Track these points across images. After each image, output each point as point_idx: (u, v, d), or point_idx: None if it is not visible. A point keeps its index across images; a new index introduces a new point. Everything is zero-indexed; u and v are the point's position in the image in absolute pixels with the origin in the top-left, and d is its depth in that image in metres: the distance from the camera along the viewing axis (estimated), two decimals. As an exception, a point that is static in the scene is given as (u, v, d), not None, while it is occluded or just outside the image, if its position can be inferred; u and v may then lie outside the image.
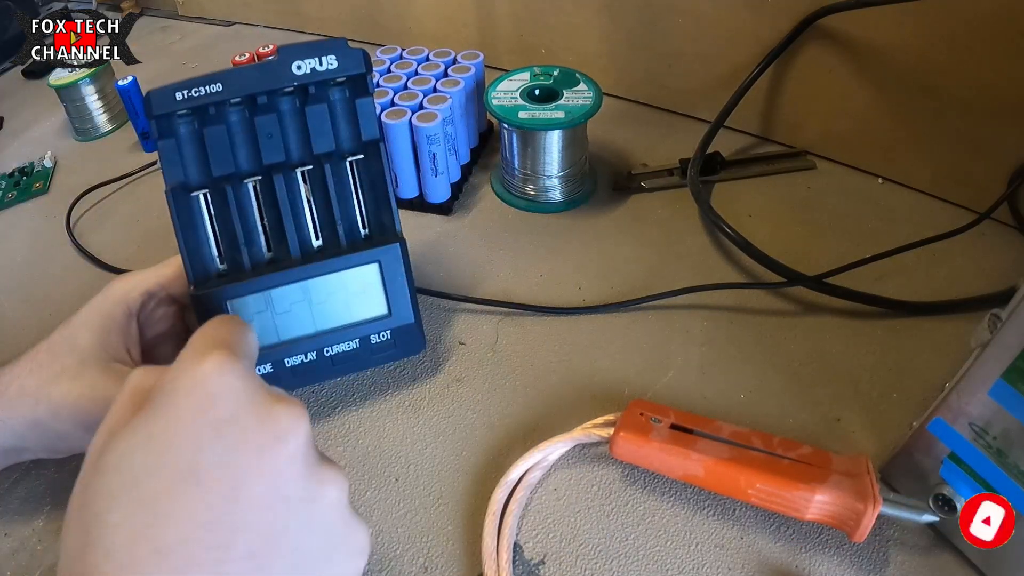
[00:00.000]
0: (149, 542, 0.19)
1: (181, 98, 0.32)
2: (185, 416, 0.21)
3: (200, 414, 0.21)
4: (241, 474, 0.20)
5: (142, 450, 0.20)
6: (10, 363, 0.32)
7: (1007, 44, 0.42)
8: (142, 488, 0.20)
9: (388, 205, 0.36)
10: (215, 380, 0.21)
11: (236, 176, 0.34)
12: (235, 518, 0.20)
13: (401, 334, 0.38)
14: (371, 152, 0.36)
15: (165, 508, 0.19)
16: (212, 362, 0.21)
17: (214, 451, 0.20)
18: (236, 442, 0.21)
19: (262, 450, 0.21)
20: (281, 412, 0.22)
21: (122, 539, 0.19)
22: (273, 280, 0.34)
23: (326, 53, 0.33)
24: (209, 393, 0.21)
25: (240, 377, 0.22)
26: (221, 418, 0.21)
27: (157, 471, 0.20)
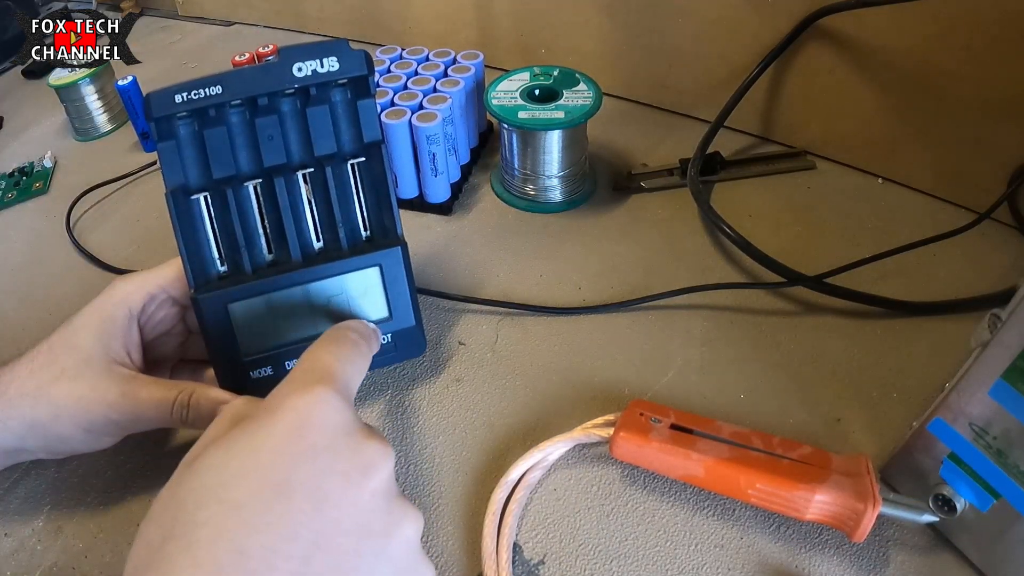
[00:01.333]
0: (231, 543, 0.20)
1: (181, 100, 0.32)
2: (284, 435, 0.22)
3: (298, 437, 0.22)
4: (328, 497, 0.22)
5: (237, 459, 0.21)
6: (10, 363, 0.32)
7: (1007, 44, 0.42)
8: (233, 493, 0.21)
9: (389, 207, 0.36)
10: (317, 412, 0.23)
11: (236, 178, 0.34)
12: (317, 537, 0.21)
13: (402, 337, 0.38)
14: (373, 154, 0.36)
15: (252, 515, 0.20)
16: (317, 396, 0.23)
17: (306, 471, 0.22)
18: (328, 467, 0.22)
19: (350, 479, 0.22)
20: (371, 448, 0.23)
21: (205, 536, 0.20)
22: (274, 283, 0.34)
23: (327, 55, 0.33)
24: (309, 421, 0.23)
25: (340, 412, 0.23)
26: (317, 444, 0.22)
27: (250, 480, 0.21)
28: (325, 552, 0.21)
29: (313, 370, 0.25)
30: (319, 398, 0.23)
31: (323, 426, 0.23)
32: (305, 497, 0.21)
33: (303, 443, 0.22)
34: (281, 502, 0.21)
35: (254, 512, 0.20)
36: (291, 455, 0.22)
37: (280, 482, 0.21)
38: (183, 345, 0.38)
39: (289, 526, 0.21)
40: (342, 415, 0.24)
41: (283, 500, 0.21)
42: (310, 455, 0.22)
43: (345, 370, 0.26)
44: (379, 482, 0.23)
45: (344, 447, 0.23)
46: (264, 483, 0.21)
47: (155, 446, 0.37)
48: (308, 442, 0.22)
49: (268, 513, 0.20)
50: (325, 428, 0.23)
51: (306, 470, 0.22)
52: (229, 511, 0.20)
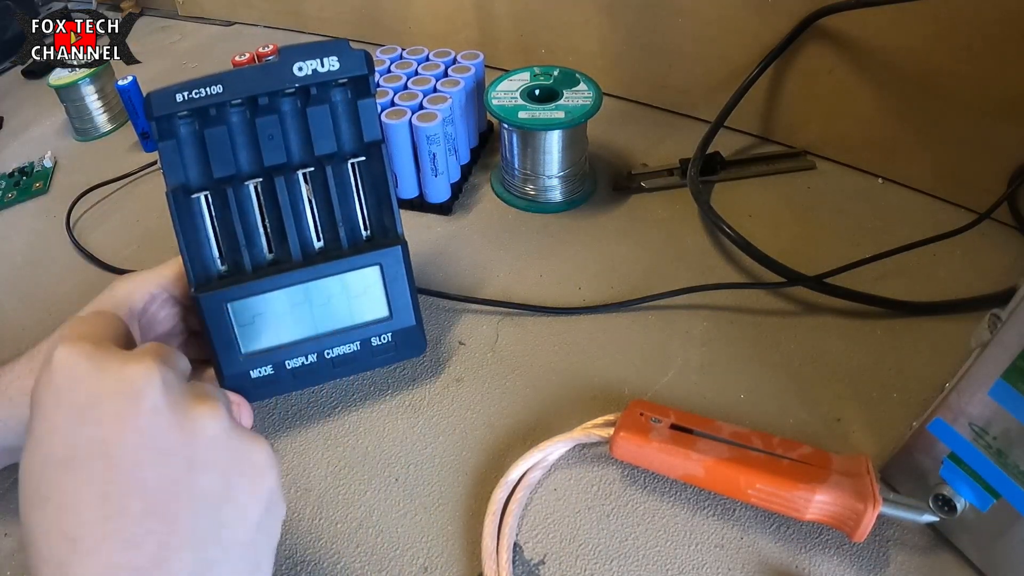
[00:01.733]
0: (59, 533, 0.20)
1: (182, 99, 0.32)
2: (47, 411, 0.22)
3: (60, 404, 0.22)
4: (110, 444, 0.21)
5: (30, 455, 0.22)
6: (10, 363, 0.32)
7: (1007, 44, 0.42)
8: (39, 487, 0.21)
9: (390, 207, 0.36)
10: (63, 368, 0.22)
11: (237, 178, 0.34)
12: (120, 487, 0.21)
13: (402, 336, 0.38)
14: (373, 153, 0.36)
15: (59, 499, 0.21)
16: (57, 355, 0.23)
17: (81, 433, 0.21)
18: (97, 418, 0.22)
19: (121, 415, 0.22)
20: (130, 372, 0.22)
21: (39, 538, 0.21)
22: (274, 282, 0.34)
23: (328, 54, 0.33)
24: (61, 383, 0.22)
25: (84, 354, 0.23)
26: (78, 402, 0.22)
27: (43, 468, 0.21)
28: (137, 494, 0.21)
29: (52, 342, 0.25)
30: (61, 355, 0.23)
31: (75, 380, 0.22)
32: (89, 457, 0.21)
33: (66, 408, 0.22)
34: (73, 474, 0.21)
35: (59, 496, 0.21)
36: (60, 426, 0.22)
37: (64, 457, 0.21)
38: (184, 345, 0.38)
39: (91, 491, 0.21)
40: (87, 357, 0.23)
41: (74, 472, 0.21)
42: (77, 416, 0.22)
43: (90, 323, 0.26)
44: (153, 400, 0.22)
45: (103, 388, 0.22)
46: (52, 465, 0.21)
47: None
48: (69, 403, 0.22)
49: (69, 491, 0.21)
50: (77, 381, 0.22)
51: (81, 432, 0.21)
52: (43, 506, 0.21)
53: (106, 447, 0.21)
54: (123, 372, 0.22)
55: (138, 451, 0.21)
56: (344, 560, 0.33)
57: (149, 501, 0.21)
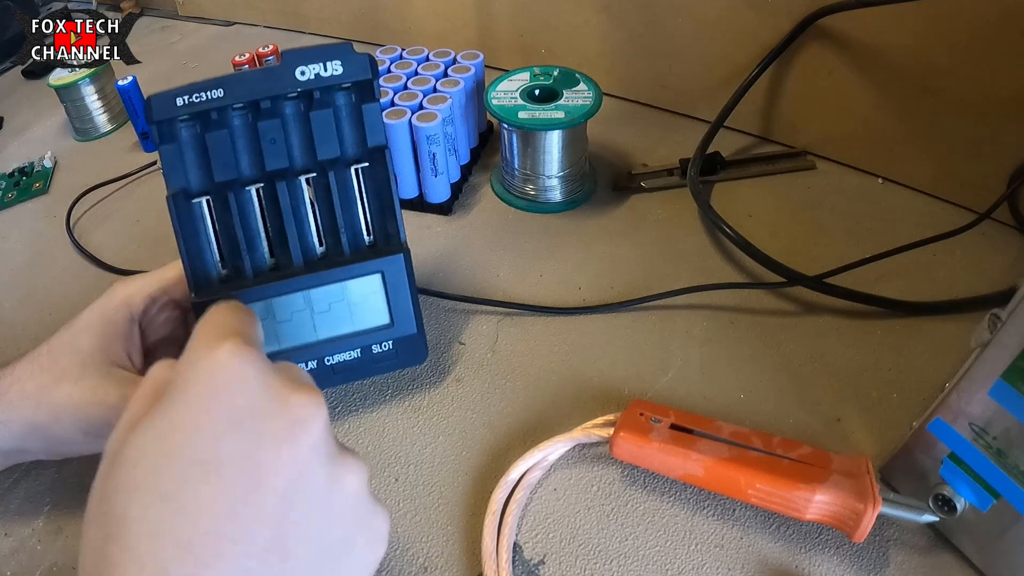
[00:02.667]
0: (170, 536, 0.19)
1: (182, 104, 0.31)
2: (201, 406, 0.20)
3: (216, 404, 0.20)
4: (261, 465, 0.20)
5: (159, 442, 0.20)
6: (10, 365, 0.32)
7: (1007, 44, 0.42)
8: (161, 481, 0.19)
9: (393, 214, 0.36)
10: (230, 368, 0.21)
11: (238, 182, 0.34)
12: (256, 510, 0.20)
13: (403, 344, 0.37)
14: (376, 159, 0.35)
15: (185, 501, 0.19)
16: (226, 350, 0.21)
17: (233, 442, 0.20)
18: (254, 432, 0.20)
19: (281, 441, 0.21)
20: (299, 401, 0.21)
21: (143, 533, 0.19)
22: (275, 289, 0.34)
23: (331, 58, 0.32)
24: (225, 382, 0.21)
25: (255, 364, 0.21)
26: (238, 407, 0.20)
27: (175, 463, 0.19)
28: (269, 524, 0.20)
29: (216, 329, 0.23)
30: (230, 352, 0.21)
31: (241, 384, 0.21)
32: (235, 470, 0.20)
33: (223, 410, 0.20)
34: (212, 481, 0.19)
35: (186, 498, 0.19)
36: (213, 427, 0.20)
37: (207, 460, 0.20)
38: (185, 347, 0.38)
39: (225, 505, 0.19)
40: (257, 368, 0.21)
41: (214, 479, 0.19)
42: (233, 422, 0.20)
43: (246, 327, 0.24)
44: (314, 437, 0.21)
45: (268, 405, 0.21)
46: (190, 464, 0.19)
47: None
48: (228, 407, 0.20)
49: (200, 496, 0.19)
50: (243, 387, 0.21)
51: (233, 440, 0.20)
52: (160, 502, 0.19)
53: (253, 466, 0.20)
54: (292, 398, 0.21)
55: (283, 483, 0.20)
56: (344, 560, 0.33)
57: (276, 535, 0.20)
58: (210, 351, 0.21)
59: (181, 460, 0.20)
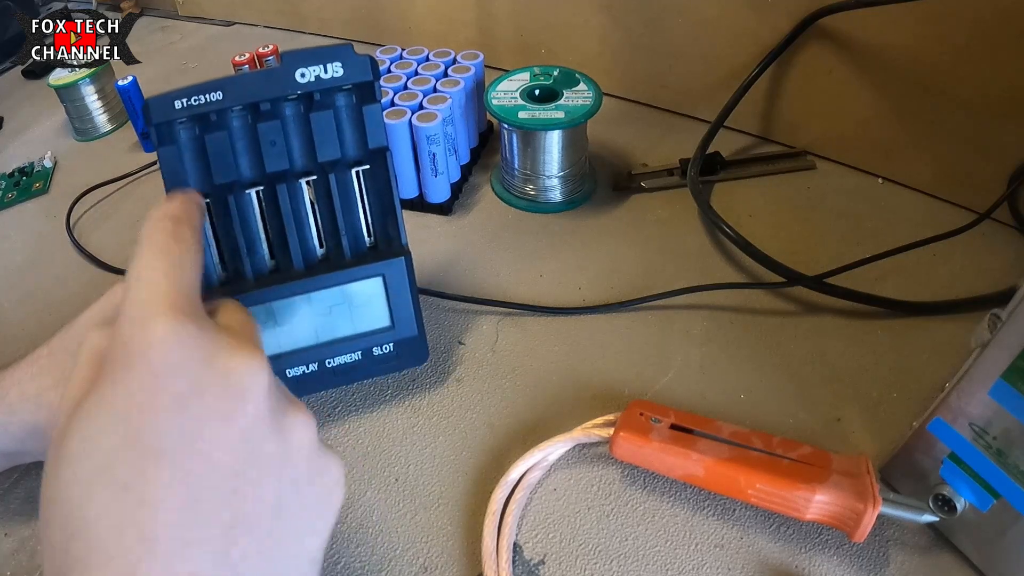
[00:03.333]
0: (135, 529, 0.18)
1: (180, 106, 0.31)
2: (144, 390, 0.20)
3: (157, 388, 0.20)
4: (211, 445, 0.20)
5: (106, 432, 0.19)
6: (10, 367, 0.32)
7: (1007, 44, 0.42)
8: (115, 473, 0.19)
9: (394, 216, 0.35)
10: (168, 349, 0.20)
11: (238, 184, 0.33)
12: (214, 491, 0.19)
13: (404, 346, 0.37)
14: (378, 161, 0.35)
15: (144, 492, 0.18)
16: (161, 328, 0.20)
17: (180, 426, 0.19)
18: (200, 413, 0.20)
19: (228, 416, 0.20)
20: (240, 369, 0.21)
21: (105, 530, 0.18)
22: (275, 292, 0.34)
23: (331, 60, 0.32)
24: (164, 364, 0.20)
25: (192, 340, 0.20)
26: (180, 391, 0.20)
27: (126, 453, 0.19)
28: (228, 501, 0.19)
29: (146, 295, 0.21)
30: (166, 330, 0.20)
31: (181, 366, 0.20)
32: (188, 454, 0.19)
33: (166, 394, 0.20)
34: (166, 469, 0.19)
35: (144, 489, 0.18)
36: (158, 412, 0.19)
37: (157, 447, 0.19)
38: None
39: (184, 491, 0.19)
40: (194, 341, 0.20)
41: (167, 466, 0.19)
42: (178, 406, 0.19)
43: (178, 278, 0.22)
44: (258, 403, 0.21)
45: (207, 381, 0.20)
46: (141, 453, 0.19)
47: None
48: (171, 391, 0.20)
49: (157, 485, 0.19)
50: (184, 367, 0.20)
51: (180, 424, 0.19)
52: (117, 495, 0.18)
53: (204, 447, 0.19)
54: (230, 365, 0.21)
55: (235, 458, 0.20)
56: (344, 560, 0.33)
57: (238, 511, 0.20)
58: (144, 327, 0.20)
59: (133, 448, 0.19)
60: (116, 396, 0.20)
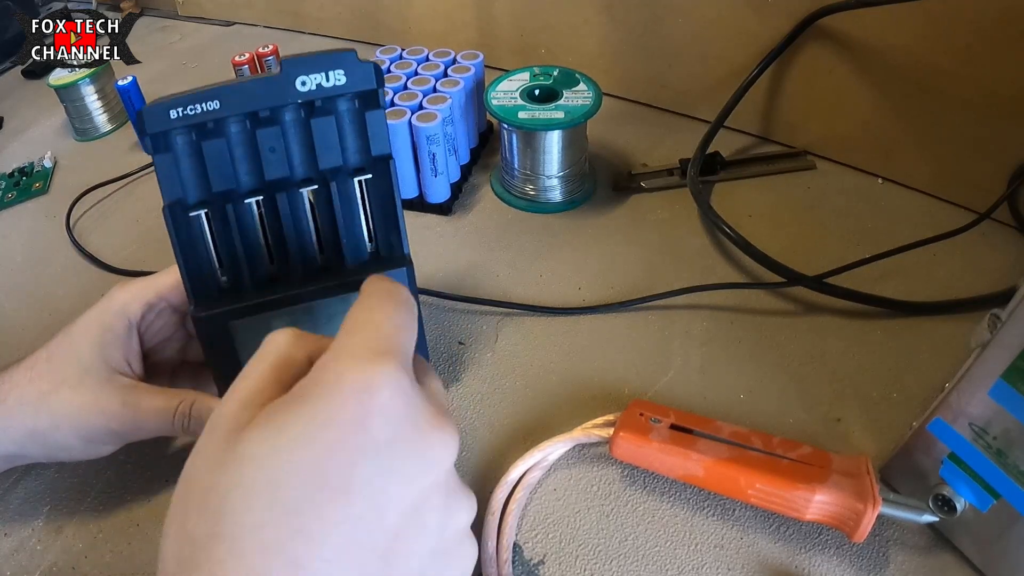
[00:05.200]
0: (285, 555, 0.18)
1: (176, 116, 0.30)
2: (344, 429, 0.19)
3: (361, 429, 0.20)
4: (390, 499, 0.20)
5: (290, 451, 0.19)
6: (9, 370, 0.32)
7: (1007, 44, 0.42)
8: (286, 494, 0.19)
9: (396, 226, 0.34)
10: (382, 398, 0.20)
11: (237, 192, 0.32)
12: (373, 540, 0.19)
13: None
14: (380, 169, 0.33)
15: (306, 523, 0.18)
16: (383, 376, 0.20)
17: (367, 471, 0.19)
18: (390, 466, 0.20)
19: (413, 478, 0.20)
20: (436, 439, 0.21)
21: (257, 544, 0.18)
22: (276, 302, 0.33)
23: (333, 67, 0.31)
24: (374, 410, 0.20)
25: (406, 396, 0.21)
26: (380, 439, 0.20)
27: (304, 481, 0.19)
28: (378, 551, 0.19)
29: (374, 339, 0.21)
30: (384, 380, 0.20)
31: (388, 415, 0.20)
32: (364, 501, 0.19)
33: (366, 437, 0.19)
34: (339, 508, 0.19)
35: (308, 520, 0.18)
36: (351, 451, 0.19)
37: (338, 485, 0.19)
38: (184, 349, 0.38)
39: (345, 534, 0.19)
40: (408, 399, 0.21)
41: (340, 506, 0.19)
42: (372, 452, 0.19)
43: (404, 338, 0.23)
44: (441, 476, 0.21)
45: (409, 441, 0.20)
46: (321, 484, 0.19)
47: (155, 447, 0.37)
48: (371, 436, 0.20)
49: (325, 521, 0.19)
50: (391, 418, 0.20)
51: (367, 470, 0.19)
52: (281, 516, 0.18)
53: (383, 499, 0.20)
54: (431, 436, 0.21)
55: (406, 515, 0.20)
56: (344, 560, 0.33)
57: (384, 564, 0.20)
58: (364, 369, 0.20)
59: (311, 479, 0.19)
60: (316, 420, 0.19)
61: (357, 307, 0.23)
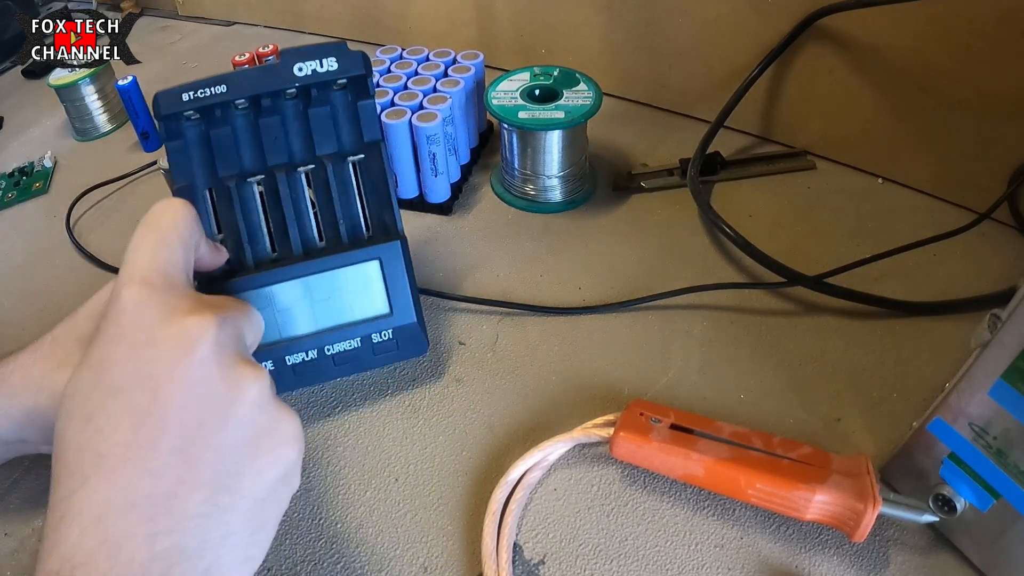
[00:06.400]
0: (90, 450, 0.23)
1: (188, 99, 0.33)
2: (110, 342, 0.24)
3: (121, 340, 0.24)
4: (158, 383, 0.23)
5: (84, 377, 0.24)
6: (13, 354, 0.32)
7: (1007, 44, 0.42)
8: (83, 408, 0.23)
9: (389, 204, 0.37)
10: (129, 312, 0.25)
11: (241, 176, 0.35)
12: (157, 421, 0.23)
13: (403, 334, 0.38)
14: (372, 153, 0.36)
15: (100, 421, 0.23)
16: (128, 294, 0.25)
17: (134, 368, 0.24)
18: (152, 357, 0.24)
19: (174, 360, 0.24)
20: (190, 323, 0.25)
21: (72, 452, 0.23)
22: (275, 276, 0.35)
23: (326, 56, 0.34)
24: (126, 323, 0.24)
25: (155, 303, 0.25)
26: (138, 341, 0.24)
27: (91, 392, 0.24)
28: (170, 432, 0.23)
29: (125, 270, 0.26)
30: (129, 298, 0.25)
31: (139, 323, 0.24)
32: (138, 391, 0.23)
33: (126, 344, 0.24)
34: (119, 402, 0.23)
35: (100, 418, 0.23)
36: (118, 358, 0.24)
37: (114, 385, 0.23)
38: None
39: (130, 420, 0.23)
40: (157, 305, 0.25)
41: (120, 400, 0.23)
42: (135, 353, 0.24)
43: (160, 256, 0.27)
44: (205, 353, 0.24)
45: (163, 334, 0.24)
46: (102, 391, 0.23)
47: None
48: (131, 342, 0.24)
49: (110, 415, 0.23)
50: (142, 323, 0.24)
51: (134, 367, 0.24)
52: (83, 424, 0.23)
53: (154, 384, 0.23)
54: (183, 323, 0.24)
55: (181, 394, 0.24)
56: (344, 560, 0.33)
57: (179, 440, 0.23)
58: (117, 295, 0.25)
59: (95, 387, 0.24)
60: (92, 349, 0.25)
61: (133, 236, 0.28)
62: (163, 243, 0.28)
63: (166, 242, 0.28)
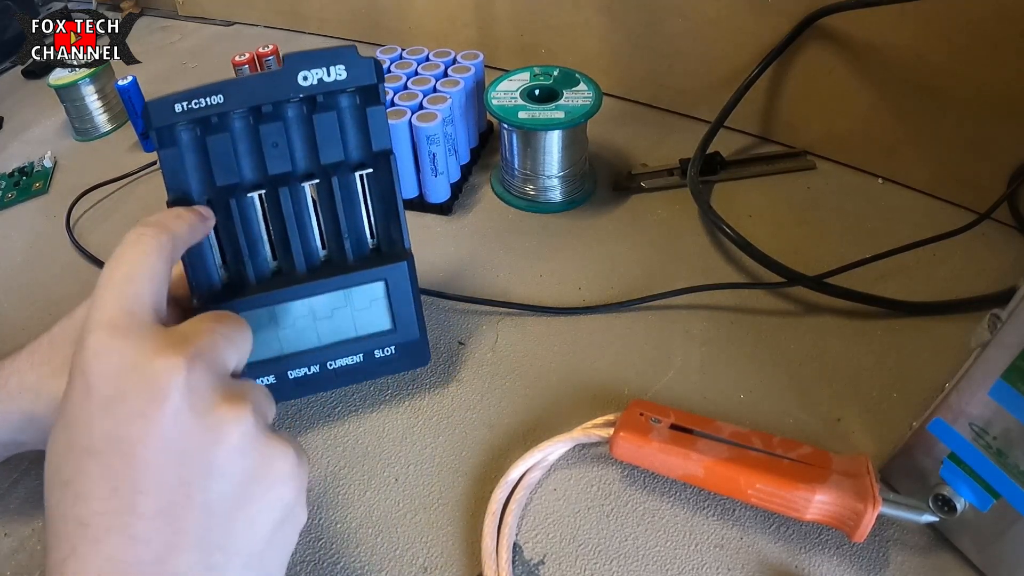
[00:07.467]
0: (74, 519, 0.22)
1: (181, 110, 0.30)
2: (79, 399, 0.23)
3: (90, 395, 0.23)
4: (130, 442, 0.22)
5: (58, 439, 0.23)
6: (10, 356, 0.32)
7: (1007, 44, 0.42)
8: (61, 473, 0.23)
9: (397, 220, 0.35)
10: (93, 361, 0.23)
11: (240, 187, 0.33)
12: (134, 484, 0.22)
13: (406, 349, 0.37)
14: (381, 164, 0.34)
15: (78, 487, 0.22)
16: (92, 342, 0.23)
17: (104, 427, 0.22)
18: (120, 414, 0.22)
19: (144, 414, 0.22)
20: (158, 370, 0.23)
21: (58, 518, 0.22)
22: (278, 296, 0.33)
23: (334, 63, 0.32)
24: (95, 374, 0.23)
25: (116, 353, 0.23)
26: (105, 394, 0.22)
27: (68, 454, 0.23)
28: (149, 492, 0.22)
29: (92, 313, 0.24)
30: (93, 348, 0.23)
31: (106, 374, 0.23)
32: (111, 451, 0.22)
33: (94, 400, 0.22)
34: (93, 465, 0.22)
35: (78, 484, 0.22)
36: (88, 417, 0.22)
37: (87, 446, 0.22)
38: None
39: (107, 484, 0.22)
40: (121, 353, 0.23)
41: (94, 463, 0.22)
42: (103, 409, 0.22)
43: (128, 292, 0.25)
44: (176, 402, 0.22)
45: (131, 385, 0.23)
46: (77, 453, 0.22)
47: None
48: (98, 397, 0.22)
49: (87, 480, 0.22)
50: (107, 376, 0.23)
51: (104, 425, 0.22)
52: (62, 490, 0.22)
53: (126, 444, 0.22)
54: (149, 369, 0.23)
55: (155, 452, 0.22)
56: (344, 560, 0.33)
57: (161, 502, 0.22)
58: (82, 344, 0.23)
59: (69, 449, 0.23)
60: (64, 406, 0.23)
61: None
62: (128, 280, 0.26)
63: (131, 278, 0.26)
